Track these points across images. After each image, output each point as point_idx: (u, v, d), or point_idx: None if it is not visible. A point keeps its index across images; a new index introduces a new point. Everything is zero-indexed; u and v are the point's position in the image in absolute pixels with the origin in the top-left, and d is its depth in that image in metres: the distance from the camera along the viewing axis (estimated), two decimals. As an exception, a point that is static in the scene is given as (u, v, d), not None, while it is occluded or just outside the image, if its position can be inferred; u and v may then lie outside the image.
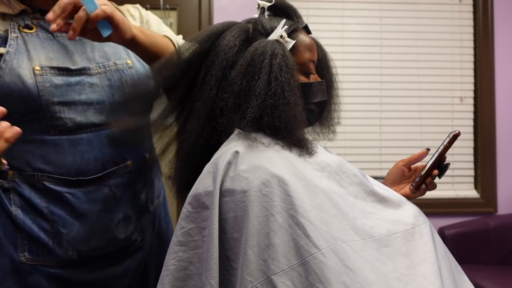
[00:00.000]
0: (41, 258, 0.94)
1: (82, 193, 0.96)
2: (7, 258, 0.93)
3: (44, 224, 0.94)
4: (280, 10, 0.93)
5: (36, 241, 0.94)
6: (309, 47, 0.89)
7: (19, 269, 0.93)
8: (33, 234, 0.93)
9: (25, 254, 0.94)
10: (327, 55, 0.99)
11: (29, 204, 0.94)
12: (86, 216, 0.96)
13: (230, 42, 0.86)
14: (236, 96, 0.82)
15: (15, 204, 0.93)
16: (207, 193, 0.77)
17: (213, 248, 0.72)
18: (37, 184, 0.94)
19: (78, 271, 0.98)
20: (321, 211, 0.73)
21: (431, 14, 2.50)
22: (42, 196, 0.94)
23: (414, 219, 0.83)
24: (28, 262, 0.93)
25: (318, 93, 0.90)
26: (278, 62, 0.81)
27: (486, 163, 2.49)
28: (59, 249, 0.95)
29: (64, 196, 0.95)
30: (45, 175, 0.94)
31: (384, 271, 0.72)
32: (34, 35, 0.94)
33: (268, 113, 0.79)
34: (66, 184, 0.95)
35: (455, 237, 2.26)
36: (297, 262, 0.69)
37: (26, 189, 0.94)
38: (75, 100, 0.95)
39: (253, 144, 0.80)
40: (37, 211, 0.94)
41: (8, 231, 0.93)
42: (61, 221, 0.95)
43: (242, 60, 0.83)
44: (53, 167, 0.94)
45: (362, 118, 2.48)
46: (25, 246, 0.94)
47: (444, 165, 0.91)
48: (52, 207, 0.94)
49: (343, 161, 0.86)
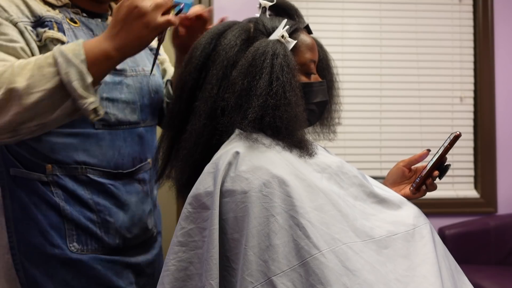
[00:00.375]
0: (90, 247, 0.97)
1: (121, 185, 1.02)
2: (56, 249, 0.95)
3: (90, 215, 0.97)
4: (282, 10, 0.93)
5: (85, 230, 0.97)
6: (310, 47, 0.90)
7: (70, 258, 0.95)
8: (81, 224, 0.96)
9: (74, 244, 0.96)
10: (328, 56, 0.99)
11: (74, 196, 0.96)
12: (128, 206, 1.02)
13: (231, 41, 0.86)
14: (237, 96, 0.82)
15: (58, 197, 0.95)
16: (208, 194, 0.77)
17: (213, 249, 0.72)
18: (80, 177, 0.97)
19: (124, 256, 1.03)
20: (322, 212, 0.73)
21: (431, 14, 2.50)
22: (85, 188, 0.97)
23: (414, 220, 0.83)
24: (78, 252, 0.96)
25: (319, 93, 0.90)
26: (280, 62, 0.81)
27: (486, 163, 2.49)
28: (107, 237, 0.99)
29: (108, 187, 0.99)
30: (89, 167, 0.97)
31: (384, 272, 0.72)
32: (79, 29, 0.98)
33: (269, 113, 0.79)
34: (108, 176, 1.00)
35: (455, 237, 2.26)
36: (298, 263, 0.69)
37: (69, 182, 0.96)
38: (117, 98, 1.00)
39: (253, 145, 0.80)
40: (82, 202, 0.97)
41: (54, 223, 0.95)
42: (107, 211, 0.99)
43: (243, 60, 0.83)
44: (97, 160, 0.98)
45: (362, 118, 2.48)
46: (74, 236, 0.96)
47: (445, 166, 0.91)
48: (96, 198, 0.98)
49: (343, 162, 0.86)
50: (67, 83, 0.81)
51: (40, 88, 0.80)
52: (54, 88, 0.81)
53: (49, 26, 0.92)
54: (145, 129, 1.09)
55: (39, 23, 0.92)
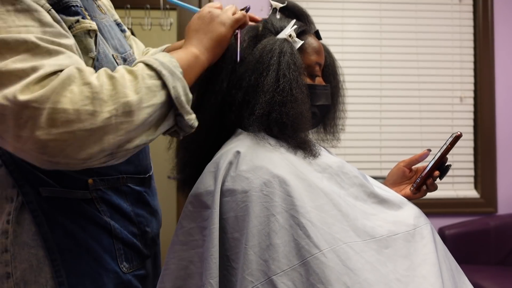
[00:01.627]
0: (135, 263, 0.88)
1: (150, 190, 0.94)
2: (111, 274, 0.82)
3: (132, 228, 0.87)
4: (292, 12, 0.93)
5: (131, 247, 0.87)
6: (317, 50, 0.90)
7: (122, 281, 0.85)
8: (128, 240, 0.86)
9: (124, 264, 0.85)
10: (335, 62, 1.00)
11: (118, 211, 0.85)
12: (157, 211, 0.96)
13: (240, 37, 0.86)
14: (244, 92, 0.82)
15: (105, 215, 0.82)
16: (208, 193, 0.77)
17: (213, 248, 0.73)
18: (122, 188, 0.86)
19: (149, 266, 0.95)
20: (322, 212, 0.73)
21: (431, 14, 2.50)
22: (126, 199, 0.87)
23: (415, 220, 0.83)
24: (128, 271, 0.86)
25: (322, 97, 0.90)
26: (287, 60, 0.81)
27: (486, 163, 2.49)
28: (145, 249, 0.90)
29: (143, 195, 0.91)
30: (129, 176, 0.87)
31: (384, 272, 0.72)
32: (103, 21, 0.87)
33: (276, 110, 0.80)
34: (143, 183, 0.91)
35: (455, 237, 2.26)
36: (298, 262, 0.69)
37: (113, 195, 0.84)
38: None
39: (254, 144, 0.80)
40: (126, 216, 0.86)
41: (104, 244, 0.82)
42: (145, 221, 0.91)
43: (251, 56, 0.84)
44: (133, 166, 0.88)
45: (362, 118, 2.48)
46: (122, 256, 0.85)
47: (446, 166, 0.91)
48: (135, 209, 0.88)
49: (344, 162, 0.86)
50: (176, 98, 0.70)
51: (149, 103, 0.67)
52: (162, 103, 0.69)
53: (80, 14, 0.75)
54: None
55: (62, 7, 0.72)
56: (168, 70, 0.70)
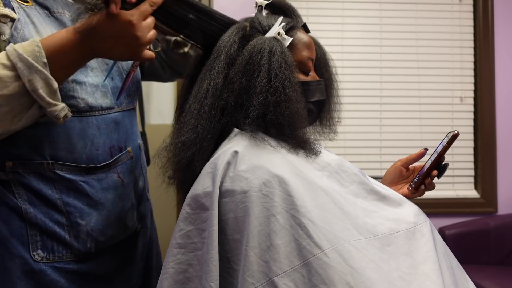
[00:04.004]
0: (57, 254, 0.86)
1: (96, 181, 0.90)
2: (17, 259, 0.83)
3: (58, 217, 0.86)
4: (278, 8, 0.92)
5: (51, 236, 0.86)
6: (307, 45, 0.89)
7: (32, 269, 0.84)
8: (47, 228, 0.85)
9: (38, 252, 0.84)
10: (326, 54, 0.98)
11: (39, 197, 0.84)
12: (103, 205, 0.91)
13: (230, 39, 0.85)
14: (236, 94, 0.81)
15: (20, 198, 0.83)
16: (206, 194, 0.76)
17: (213, 250, 0.72)
18: (47, 174, 0.85)
19: (94, 263, 0.92)
20: (323, 210, 0.73)
21: (431, 14, 2.50)
22: (53, 186, 0.86)
23: (415, 217, 0.83)
24: (42, 260, 0.85)
25: (316, 92, 0.89)
26: (277, 59, 0.80)
27: (486, 163, 2.48)
28: (76, 242, 0.88)
29: (79, 185, 0.88)
30: (56, 162, 0.85)
31: (387, 270, 0.71)
32: (32, 8, 0.85)
33: (271, 111, 0.79)
34: (80, 172, 0.88)
35: (455, 237, 2.26)
36: (300, 263, 0.69)
37: (33, 180, 0.84)
38: (84, 81, 0.88)
39: (252, 144, 0.79)
40: (49, 203, 0.85)
41: (15, 229, 0.83)
42: (78, 212, 0.88)
43: (240, 58, 0.83)
44: (65, 153, 0.86)
45: (362, 118, 2.47)
46: (38, 243, 0.85)
47: (443, 165, 0.91)
48: (65, 197, 0.86)
49: (343, 160, 0.85)
50: (33, 91, 0.72)
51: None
52: (15, 94, 0.71)
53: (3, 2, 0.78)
54: (122, 114, 0.97)
55: None
56: (25, 62, 0.71)
